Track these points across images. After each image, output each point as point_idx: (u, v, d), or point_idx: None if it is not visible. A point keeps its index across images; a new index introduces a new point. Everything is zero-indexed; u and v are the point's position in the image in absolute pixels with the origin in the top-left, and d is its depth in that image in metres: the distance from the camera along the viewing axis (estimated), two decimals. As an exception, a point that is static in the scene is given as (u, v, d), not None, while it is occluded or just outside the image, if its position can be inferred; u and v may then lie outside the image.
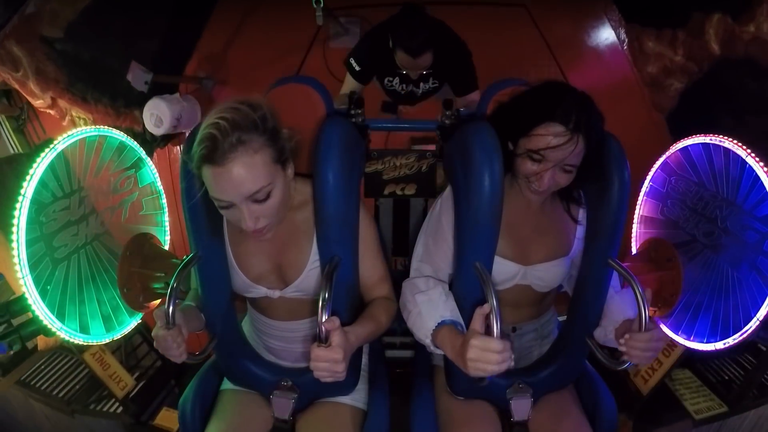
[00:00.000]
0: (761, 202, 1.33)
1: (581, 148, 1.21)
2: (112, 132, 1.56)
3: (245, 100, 1.13)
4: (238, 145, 1.07)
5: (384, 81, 2.50)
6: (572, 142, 1.18)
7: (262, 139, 1.11)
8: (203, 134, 1.08)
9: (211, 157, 1.07)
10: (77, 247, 1.46)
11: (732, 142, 1.40)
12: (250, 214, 1.13)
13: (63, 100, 2.67)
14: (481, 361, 1.08)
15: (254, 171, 1.10)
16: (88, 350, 1.90)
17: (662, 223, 1.64)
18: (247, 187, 1.10)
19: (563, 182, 1.26)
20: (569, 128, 1.18)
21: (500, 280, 1.37)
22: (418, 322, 1.30)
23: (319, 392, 1.43)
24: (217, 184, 1.10)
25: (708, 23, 2.49)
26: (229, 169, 1.07)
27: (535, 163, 1.24)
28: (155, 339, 1.19)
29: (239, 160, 1.08)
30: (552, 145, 1.19)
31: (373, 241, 1.39)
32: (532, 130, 1.21)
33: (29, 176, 1.32)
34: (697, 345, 1.47)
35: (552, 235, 1.39)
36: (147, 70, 2.79)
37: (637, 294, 1.20)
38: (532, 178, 1.26)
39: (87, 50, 2.58)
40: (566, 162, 1.22)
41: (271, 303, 1.40)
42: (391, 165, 1.72)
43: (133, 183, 1.65)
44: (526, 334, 1.48)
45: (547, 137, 1.19)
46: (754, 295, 1.34)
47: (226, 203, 1.13)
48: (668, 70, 2.92)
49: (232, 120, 1.07)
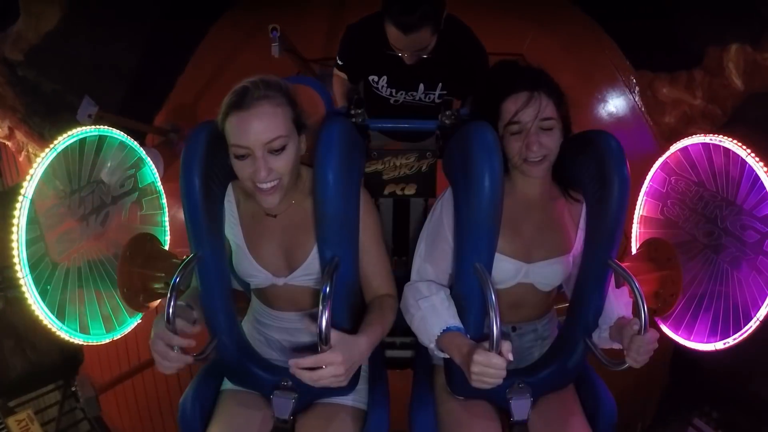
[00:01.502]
0: (761, 202, 1.33)
1: (547, 100, 1.29)
2: (112, 132, 1.56)
3: (268, 76, 1.27)
4: (264, 97, 1.22)
5: (370, 81, 2.04)
6: (535, 98, 1.28)
7: (285, 99, 1.25)
8: (236, 88, 1.23)
9: (239, 103, 1.21)
10: (77, 247, 1.46)
11: (732, 141, 1.40)
12: (264, 164, 1.22)
13: (20, 132, 2.59)
14: (484, 375, 1.13)
15: (275, 120, 1.22)
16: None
17: (662, 223, 1.64)
18: (267, 134, 1.21)
19: (551, 143, 1.31)
20: (527, 88, 1.29)
21: (502, 278, 1.37)
22: (421, 326, 1.31)
23: (319, 392, 1.43)
24: (240, 128, 1.21)
25: (726, 56, 2.31)
26: (254, 113, 1.20)
27: (516, 135, 1.30)
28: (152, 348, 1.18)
29: (263, 108, 1.21)
30: (520, 108, 1.28)
31: (376, 233, 1.40)
32: (501, 108, 1.31)
33: (29, 176, 1.32)
34: (697, 345, 1.47)
35: (553, 233, 1.40)
36: (95, 103, 2.48)
37: (637, 295, 1.20)
38: (524, 152, 1.30)
39: (48, 80, 2.49)
40: (541, 117, 1.28)
41: (275, 292, 1.42)
42: (391, 165, 1.72)
43: (133, 183, 1.65)
44: (526, 335, 1.48)
45: (511, 105, 1.30)
46: (754, 295, 1.34)
47: (244, 151, 1.22)
48: (688, 117, 2.67)
49: (262, 79, 1.25)
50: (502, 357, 1.12)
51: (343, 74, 2.10)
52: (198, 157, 1.25)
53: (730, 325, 1.39)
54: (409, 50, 1.77)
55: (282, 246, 1.38)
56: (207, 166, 1.27)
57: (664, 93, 1.68)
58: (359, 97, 1.67)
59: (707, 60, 2.39)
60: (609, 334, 1.34)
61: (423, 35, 1.70)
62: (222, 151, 1.26)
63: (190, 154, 1.25)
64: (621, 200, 1.28)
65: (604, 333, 1.34)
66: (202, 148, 1.26)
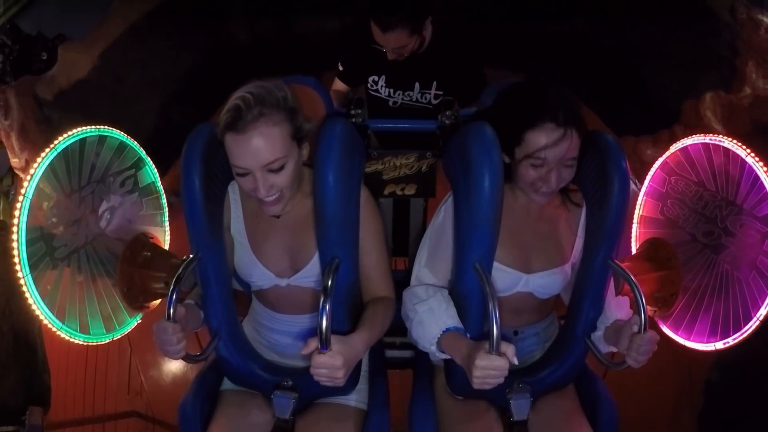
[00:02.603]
0: (761, 202, 1.33)
1: (576, 139, 1.22)
2: (112, 132, 1.55)
3: (269, 82, 1.23)
4: (259, 117, 1.17)
5: (369, 83, 2.14)
6: (567, 136, 1.20)
7: (282, 115, 1.20)
8: (230, 105, 1.19)
9: (234, 126, 1.17)
10: (77, 247, 1.46)
11: (731, 141, 1.40)
12: (264, 183, 1.21)
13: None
14: (486, 377, 1.13)
15: (272, 142, 1.19)
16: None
17: (662, 223, 1.64)
18: (264, 156, 1.19)
19: (568, 177, 1.27)
20: (560, 124, 1.19)
21: (501, 288, 1.36)
22: (419, 330, 1.30)
23: (320, 392, 1.43)
24: (237, 151, 1.19)
25: (702, 106, 2.38)
26: (250, 137, 1.17)
27: (537, 168, 1.24)
28: (155, 331, 1.19)
29: (259, 130, 1.17)
30: (549, 145, 1.19)
31: (378, 234, 1.40)
32: (525, 136, 1.22)
33: (30, 176, 1.32)
34: (697, 345, 1.47)
35: (553, 242, 1.39)
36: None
37: (637, 295, 1.20)
38: (538, 183, 1.26)
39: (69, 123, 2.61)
40: (567, 156, 1.22)
41: (278, 294, 1.42)
42: (391, 165, 1.71)
43: (133, 183, 1.65)
44: (528, 338, 1.48)
45: (541, 139, 1.20)
46: (754, 295, 1.34)
47: (243, 170, 1.21)
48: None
49: (257, 95, 1.18)
50: (505, 358, 1.12)
51: (342, 85, 2.16)
52: (198, 157, 1.25)
53: (730, 325, 1.39)
54: (388, 47, 1.90)
55: (286, 246, 1.38)
56: (207, 166, 1.27)
57: (649, 154, 1.70)
58: (359, 97, 1.67)
59: (684, 114, 2.47)
60: (604, 335, 1.34)
61: (400, 35, 1.84)
62: (222, 151, 1.26)
63: (190, 154, 1.25)
64: (621, 197, 1.28)
65: (599, 332, 1.35)
66: (202, 148, 1.26)
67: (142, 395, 2.19)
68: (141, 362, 2.19)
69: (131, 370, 2.19)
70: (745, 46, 2.34)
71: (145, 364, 2.19)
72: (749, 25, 2.34)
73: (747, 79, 2.30)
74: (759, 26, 2.31)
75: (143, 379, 2.18)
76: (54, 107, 2.54)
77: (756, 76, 2.27)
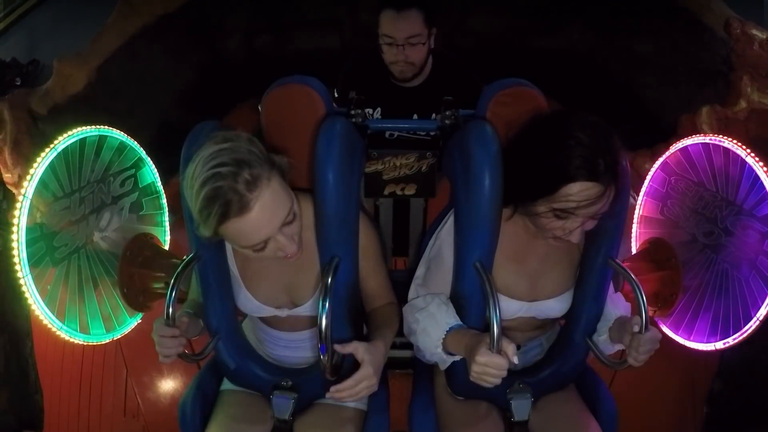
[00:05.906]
0: (761, 202, 1.33)
1: (613, 192, 1.09)
2: (112, 132, 1.56)
3: (223, 140, 1.05)
4: (253, 182, 1.01)
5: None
6: (606, 195, 1.08)
7: (266, 165, 1.06)
8: (209, 193, 0.99)
9: (229, 213, 1.01)
10: (77, 247, 1.46)
11: (731, 141, 1.41)
12: (288, 239, 1.11)
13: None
14: (484, 374, 1.12)
15: (279, 197, 1.07)
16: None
17: (662, 223, 1.64)
18: (279, 215, 1.07)
19: (592, 227, 1.17)
20: (600, 182, 1.06)
21: (503, 316, 1.27)
22: (425, 338, 1.29)
23: (319, 393, 1.43)
24: (248, 230, 1.05)
25: (699, 119, 2.38)
26: (257, 208, 1.02)
27: (562, 219, 1.13)
28: (154, 331, 1.18)
29: (262, 195, 1.03)
30: (583, 204, 1.07)
31: (374, 251, 1.39)
32: (560, 189, 1.07)
33: (30, 176, 1.32)
34: (697, 345, 1.47)
35: (562, 266, 1.35)
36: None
37: (638, 294, 1.20)
38: (559, 232, 1.17)
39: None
40: (599, 212, 1.12)
41: (277, 319, 1.41)
42: (390, 165, 1.71)
43: (133, 183, 1.65)
44: (532, 350, 1.48)
45: (575, 194, 1.07)
46: (754, 295, 1.34)
47: (262, 244, 1.08)
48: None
49: (232, 161, 1.01)
50: (505, 357, 1.10)
51: None
52: None
53: (730, 325, 1.39)
54: (402, 37, 1.84)
55: (283, 285, 1.34)
56: None
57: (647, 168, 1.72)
58: (359, 97, 1.67)
59: (682, 128, 2.47)
60: (609, 336, 1.33)
61: (415, 21, 1.81)
62: None
63: (189, 154, 1.25)
64: (621, 201, 1.27)
65: (603, 335, 1.34)
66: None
67: (138, 418, 2.14)
68: (138, 384, 2.15)
69: (127, 392, 2.16)
70: (740, 60, 2.41)
71: (142, 386, 2.14)
72: (743, 40, 2.41)
73: (742, 93, 2.36)
74: (753, 41, 2.39)
75: (140, 402, 2.14)
76: (48, 121, 2.51)
77: (751, 90, 2.34)
